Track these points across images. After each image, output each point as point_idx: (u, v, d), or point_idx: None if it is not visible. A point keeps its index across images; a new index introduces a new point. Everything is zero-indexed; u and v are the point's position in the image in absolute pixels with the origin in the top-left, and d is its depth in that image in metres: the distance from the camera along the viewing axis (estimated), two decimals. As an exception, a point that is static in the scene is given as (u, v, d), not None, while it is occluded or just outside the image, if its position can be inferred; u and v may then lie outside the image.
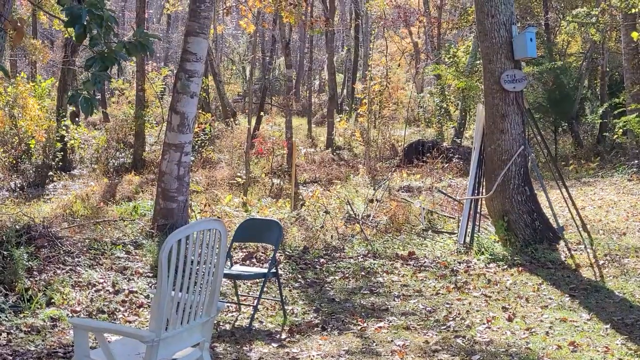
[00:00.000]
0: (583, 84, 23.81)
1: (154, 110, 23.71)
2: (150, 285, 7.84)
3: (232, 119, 28.47)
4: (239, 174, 16.96)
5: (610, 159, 20.05)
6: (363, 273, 8.91)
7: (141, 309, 7.23)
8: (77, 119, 21.92)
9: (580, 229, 10.10)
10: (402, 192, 15.49)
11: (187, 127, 10.05)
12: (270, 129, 26.80)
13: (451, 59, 25.90)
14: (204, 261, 4.54)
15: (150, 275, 8.17)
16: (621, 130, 19.11)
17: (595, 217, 11.94)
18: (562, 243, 9.81)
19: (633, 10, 17.40)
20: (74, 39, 4.97)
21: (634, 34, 12.09)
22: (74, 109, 21.72)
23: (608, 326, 6.64)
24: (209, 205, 11.79)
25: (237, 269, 7.42)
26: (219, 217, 11.21)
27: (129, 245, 9.07)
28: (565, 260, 9.24)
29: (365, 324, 6.91)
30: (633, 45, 18.94)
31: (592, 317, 6.96)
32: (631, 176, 16.35)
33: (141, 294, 7.60)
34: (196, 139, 20.61)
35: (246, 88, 39.14)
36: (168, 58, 48.10)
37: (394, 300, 7.81)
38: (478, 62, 22.45)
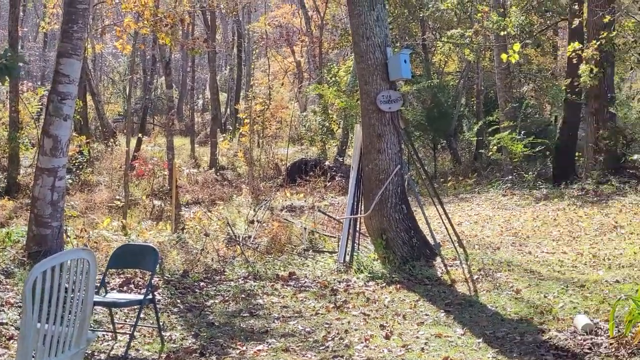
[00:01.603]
0: (460, 102, 24.59)
1: (29, 131, 22.94)
2: (21, 316, 7.54)
3: (112, 140, 27.89)
4: (118, 197, 16.63)
5: (486, 175, 20.77)
6: (243, 295, 8.85)
7: (11, 341, 6.94)
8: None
9: (457, 244, 10.36)
10: (285, 211, 15.53)
11: (60, 151, 9.75)
12: (151, 150, 26.41)
13: (333, 78, 26.26)
14: (72, 291, 4.42)
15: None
16: (495, 147, 19.83)
17: (472, 232, 12.29)
18: (438, 259, 10.03)
19: (503, 33, 18.18)
20: None
21: (503, 56, 12.58)
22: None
23: (480, 340, 6.81)
24: (86, 230, 11.47)
25: (112, 296, 7.25)
26: (95, 242, 10.93)
27: (-1, 274, 8.73)
28: (441, 276, 9.45)
29: (244, 348, 6.86)
30: (504, 66, 19.74)
31: (465, 332, 7.13)
32: (505, 191, 16.97)
33: (12, 325, 7.30)
34: (74, 161, 20.07)
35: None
36: (45, 77, 46.66)
37: (274, 322, 7.79)
38: (359, 81, 22.85)
